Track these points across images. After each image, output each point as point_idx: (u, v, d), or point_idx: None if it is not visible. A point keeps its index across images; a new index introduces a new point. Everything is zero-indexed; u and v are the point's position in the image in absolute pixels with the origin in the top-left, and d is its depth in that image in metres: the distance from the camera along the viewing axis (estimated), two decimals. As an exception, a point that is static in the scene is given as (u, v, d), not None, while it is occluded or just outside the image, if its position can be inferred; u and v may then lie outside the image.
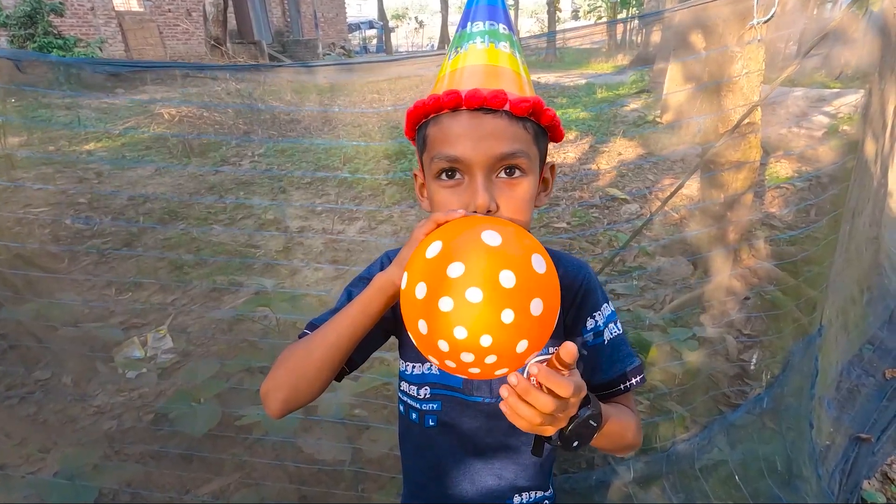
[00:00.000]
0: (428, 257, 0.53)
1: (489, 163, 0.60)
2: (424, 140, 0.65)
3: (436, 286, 0.51)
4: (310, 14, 18.36)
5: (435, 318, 0.51)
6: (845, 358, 2.23)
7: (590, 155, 5.18)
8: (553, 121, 0.64)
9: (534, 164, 0.63)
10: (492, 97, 0.58)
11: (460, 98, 0.59)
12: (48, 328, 2.01)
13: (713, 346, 2.21)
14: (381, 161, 4.91)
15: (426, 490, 0.84)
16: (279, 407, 0.69)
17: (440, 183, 0.63)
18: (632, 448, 0.75)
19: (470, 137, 0.59)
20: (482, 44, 0.63)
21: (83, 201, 3.92)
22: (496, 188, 0.61)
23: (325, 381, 0.68)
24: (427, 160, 0.64)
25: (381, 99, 6.35)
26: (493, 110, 0.59)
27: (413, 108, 0.64)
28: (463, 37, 0.65)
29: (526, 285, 0.51)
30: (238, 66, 1.33)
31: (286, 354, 0.71)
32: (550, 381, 0.50)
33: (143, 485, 1.69)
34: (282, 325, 2.07)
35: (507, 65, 0.63)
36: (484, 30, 0.64)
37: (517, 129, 0.61)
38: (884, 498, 1.71)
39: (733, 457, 1.64)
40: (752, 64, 1.99)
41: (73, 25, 11.01)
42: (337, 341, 0.65)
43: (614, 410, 0.68)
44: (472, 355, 0.51)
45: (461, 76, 0.62)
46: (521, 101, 0.59)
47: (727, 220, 2.40)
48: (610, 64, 13.78)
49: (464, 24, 0.66)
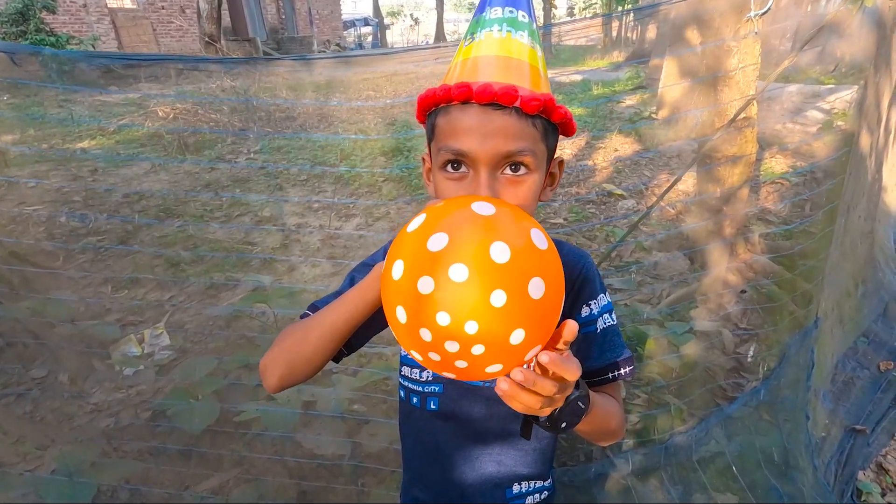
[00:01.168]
0: (408, 231, 0.47)
1: (495, 159, 0.59)
2: (433, 129, 0.65)
3: (415, 264, 0.44)
4: (304, 11, 18.27)
5: (414, 302, 0.44)
6: (840, 350, 2.25)
7: (586, 151, 5.18)
8: (565, 117, 0.63)
9: (540, 161, 0.63)
10: (502, 93, 0.57)
11: (471, 92, 0.58)
12: (44, 325, 2.00)
13: (710, 339, 2.23)
14: (377, 157, 4.90)
15: (426, 477, 0.85)
16: (276, 383, 0.71)
17: (445, 174, 0.63)
18: (614, 436, 0.75)
19: (477, 133, 0.58)
20: (499, 32, 0.61)
21: (78, 199, 3.89)
22: (500, 184, 0.61)
23: (321, 362, 0.70)
24: (435, 149, 0.64)
25: (377, 96, 6.34)
26: (503, 106, 0.58)
27: (424, 95, 0.63)
28: (480, 22, 0.62)
29: (523, 262, 0.44)
30: (234, 59, 1.31)
31: (286, 333, 0.73)
32: (560, 367, 0.47)
33: (141, 481, 1.69)
34: (280, 322, 2.07)
35: (524, 57, 0.60)
36: (502, 17, 0.61)
37: (526, 126, 0.59)
38: (878, 488, 1.73)
39: (730, 448, 1.65)
40: (748, 58, 1.99)
41: (65, 22, 10.91)
42: (334, 326, 0.66)
43: (600, 398, 0.68)
44: (456, 344, 0.44)
45: (475, 66, 0.60)
46: (532, 100, 0.58)
47: (723, 214, 2.41)
48: (606, 60, 13.78)
49: (482, 9, 0.63)
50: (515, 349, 0.45)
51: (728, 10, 1.34)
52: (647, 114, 6.16)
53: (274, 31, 16.68)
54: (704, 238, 2.58)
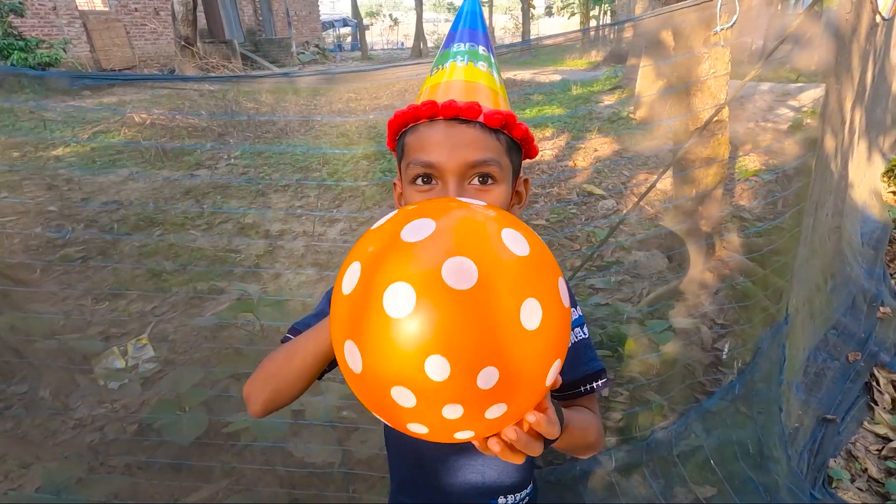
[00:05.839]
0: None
1: (462, 169, 0.63)
2: (403, 148, 0.68)
3: (388, 368, 0.41)
4: (282, 12, 18.08)
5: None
6: (812, 343, 2.34)
7: (566, 152, 5.26)
8: (526, 135, 0.68)
9: (506, 173, 0.66)
10: (466, 108, 0.62)
11: (437, 108, 0.63)
12: (24, 341, 1.97)
13: (688, 336, 2.30)
14: (360, 162, 4.90)
15: (412, 485, 0.87)
16: (260, 409, 0.71)
17: (416, 187, 0.66)
18: (593, 449, 0.75)
19: (444, 145, 0.62)
20: (462, 62, 0.67)
21: (53, 209, 3.81)
22: (468, 194, 0.64)
23: (304, 386, 0.70)
24: (404, 167, 0.68)
25: (358, 98, 6.33)
26: (467, 121, 0.63)
27: (393, 117, 0.67)
28: (445, 55, 0.69)
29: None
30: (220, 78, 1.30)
31: (268, 360, 0.73)
32: (544, 430, 0.47)
33: (130, 496, 1.68)
34: (266, 331, 2.07)
35: (484, 81, 0.66)
36: (465, 50, 0.68)
37: (490, 139, 0.64)
38: (848, 475, 1.81)
39: (709, 442, 1.72)
40: (719, 65, 2.07)
41: (34, 26, 10.63)
42: (316, 350, 0.66)
43: (576, 414, 0.68)
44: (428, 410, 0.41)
45: (440, 90, 0.66)
46: (495, 114, 0.63)
47: (699, 214, 2.49)
48: (584, 60, 13.94)
49: (447, 45, 0.70)
50: (491, 423, 0.43)
51: (697, 22, 1.40)
52: (626, 114, 6.28)
53: (251, 33, 16.47)
54: (682, 238, 2.66)
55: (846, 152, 2.34)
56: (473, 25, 0.70)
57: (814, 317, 2.31)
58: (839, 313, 2.54)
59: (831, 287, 2.51)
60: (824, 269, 2.42)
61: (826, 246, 2.39)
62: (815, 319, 2.32)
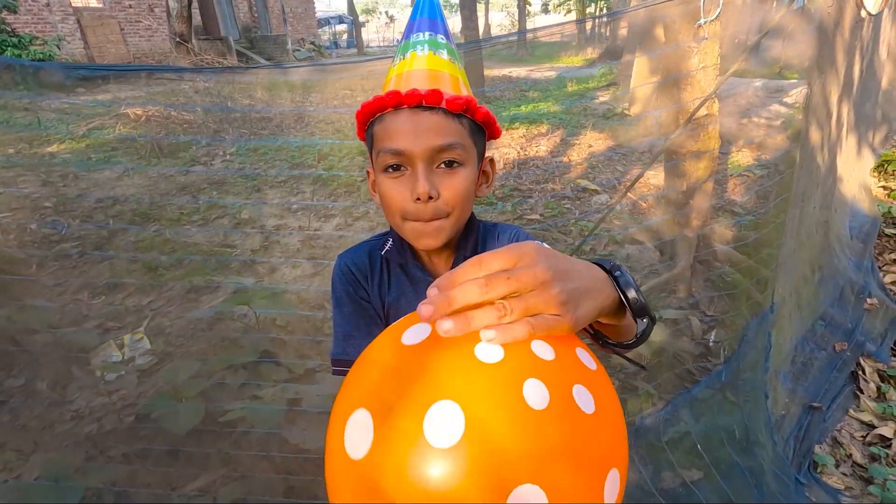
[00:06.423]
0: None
1: (428, 154, 0.66)
2: (372, 138, 0.72)
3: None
4: (277, 9, 18.02)
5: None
6: (799, 333, 2.38)
7: (561, 148, 5.30)
8: (487, 117, 0.71)
9: (470, 155, 0.70)
10: (428, 95, 0.65)
11: (401, 97, 0.66)
12: (22, 333, 1.99)
13: (679, 326, 2.34)
14: (355, 157, 4.92)
15: None
16: None
17: (387, 175, 0.69)
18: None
19: (410, 132, 0.66)
20: (422, 51, 0.70)
21: (49, 205, 3.82)
22: (437, 177, 0.67)
23: None
24: (375, 156, 0.71)
25: (353, 95, 6.33)
26: (430, 107, 0.66)
27: (360, 109, 0.71)
28: (406, 46, 0.72)
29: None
30: (214, 69, 1.32)
31: None
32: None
33: (128, 483, 1.71)
34: (262, 322, 2.10)
35: (445, 69, 0.70)
36: (425, 39, 0.71)
37: (453, 123, 0.67)
38: (833, 460, 1.85)
39: (696, 429, 1.75)
40: (707, 58, 2.10)
41: (27, 23, 10.56)
42: None
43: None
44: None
45: (404, 79, 0.69)
46: (456, 99, 0.66)
47: (690, 207, 2.52)
48: (580, 57, 13.98)
49: (407, 36, 0.73)
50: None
51: (683, 15, 1.43)
52: (620, 110, 6.32)
53: (247, 30, 16.41)
54: (674, 230, 2.70)
55: (833, 146, 2.37)
56: (433, 15, 0.73)
57: (801, 307, 2.35)
58: (827, 304, 2.59)
59: (818, 279, 2.55)
60: (812, 261, 2.47)
61: (813, 238, 2.43)
62: (802, 310, 2.36)
